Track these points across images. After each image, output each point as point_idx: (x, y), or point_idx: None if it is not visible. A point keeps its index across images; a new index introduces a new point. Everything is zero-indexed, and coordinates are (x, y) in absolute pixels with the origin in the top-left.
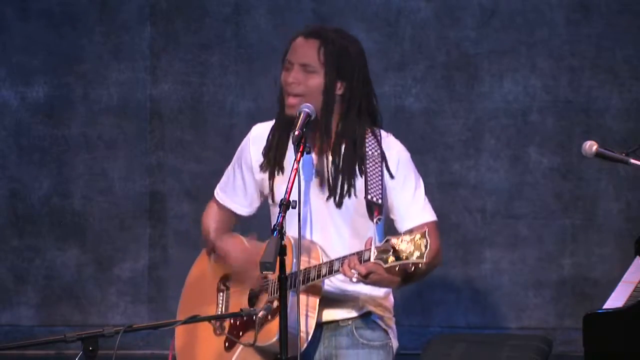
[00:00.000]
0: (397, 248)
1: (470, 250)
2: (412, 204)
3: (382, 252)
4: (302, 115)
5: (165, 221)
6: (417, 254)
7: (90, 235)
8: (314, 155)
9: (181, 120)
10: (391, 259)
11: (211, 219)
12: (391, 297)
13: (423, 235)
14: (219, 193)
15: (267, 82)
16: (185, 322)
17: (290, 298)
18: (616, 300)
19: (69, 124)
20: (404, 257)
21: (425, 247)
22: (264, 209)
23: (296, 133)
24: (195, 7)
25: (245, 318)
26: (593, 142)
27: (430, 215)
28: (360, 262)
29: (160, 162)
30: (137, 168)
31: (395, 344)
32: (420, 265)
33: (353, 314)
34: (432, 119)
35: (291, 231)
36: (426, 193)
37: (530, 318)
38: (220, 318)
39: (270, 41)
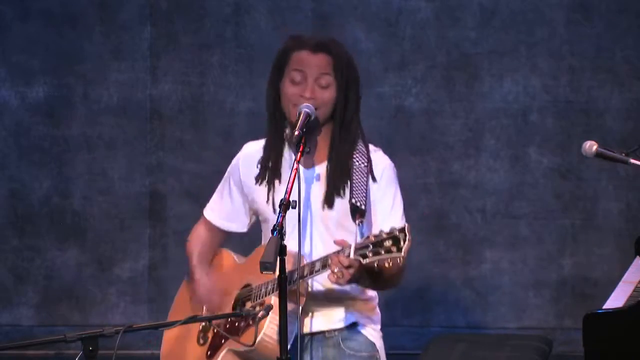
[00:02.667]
0: (376, 244)
1: (470, 250)
2: (389, 217)
3: (362, 248)
4: (302, 115)
5: (165, 221)
6: (394, 249)
7: (90, 235)
8: (316, 165)
9: (181, 120)
10: (370, 254)
11: (195, 246)
12: (377, 310)
13: (402, 230)
14: (208, 212)
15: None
16: (185, 322)
17: (274, 300)
18: (616, 300)
19: (69, 124)
20: (383, 253)
21: (404, 241)
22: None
23: (296, 133)
24: (195, 7)
25: (228, 325)
26: (593, 142)
27: None
28: None
29: (160, 162)
30: (137, 168)
31: (382, 355)
32: (398, 260)
33: (339, 324)
34: (432, 119)
35: (288, 234)
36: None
37: (530, 318)
38: (220, 318)
39: (270, 41)
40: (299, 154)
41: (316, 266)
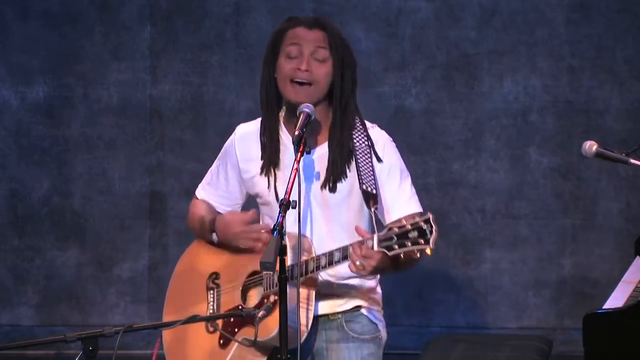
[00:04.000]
0: (400, 235)
1: (470, 250)
2: (398, 195)
3: (386, 240)
4: (302, 115)
5: (165, 221)
6: (422, 240)
7: (90, 235)
8: (316, 147)
9: (181, 120)
10: (395, 246)
11: (199, 209)
12: (379, 289)
13: (427, 221)
14: (201, 192)
15: None
16: (186, 322)
17: (288, 290)
18: (616, 300)
19: (69, 124)
20: (409, 244)
21: (431, 232)
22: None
23: (296, 133)
24: (195, 7)
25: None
26: (593, 142)
27: (416, 207)
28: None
29: (160, 162)
30: (137, 168)
31: (384, 335)
32: (427, 251)
33: (342, 307)
34: (432, 119)
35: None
36: (414, 185)
37: (530, 318)
38: (220, 318)
39: None
40: (299, 154)
41: (335, 257)
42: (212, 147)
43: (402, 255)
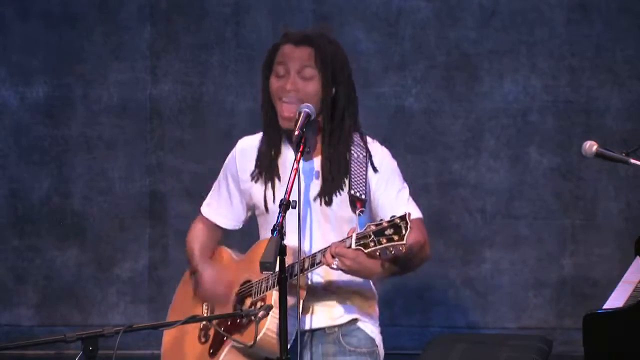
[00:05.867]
0: (377, 233)
1: (470, 250)
2: (396, 202)
3: (363, 237)
4: (302, 115)
5: (165, 221)
6: (396, 237)
7: (90, 235)
8: (313, 158)
9: (181, 120)
10: (372, 244)
11: (195, 241)
12: (376, 307)
13: (403, 218)
14: (205, 208)
15: None
16: (185, 322)
17: (274, 295)
18: (616, 300)
19: (69, 124)
20: (384, 242)
21: (406, 229)
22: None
23: (296, 133)
24: (195, 7)
25: (229, 322)
26: (593, 142)
27: (415, 212)
28: None
29: (160, 162)
30: (137, 168)
31: (381, 352)
32: (401, 248)
33: (339, 321)
34: (432, 119)
35: (288, 232)
36: (413, 186)
37: (530, 318)
38: (220, 318)
39: (270, 41)
40: (299, 154)
41: (317, 258)
42: (212, 147)
43: (378, 253)
